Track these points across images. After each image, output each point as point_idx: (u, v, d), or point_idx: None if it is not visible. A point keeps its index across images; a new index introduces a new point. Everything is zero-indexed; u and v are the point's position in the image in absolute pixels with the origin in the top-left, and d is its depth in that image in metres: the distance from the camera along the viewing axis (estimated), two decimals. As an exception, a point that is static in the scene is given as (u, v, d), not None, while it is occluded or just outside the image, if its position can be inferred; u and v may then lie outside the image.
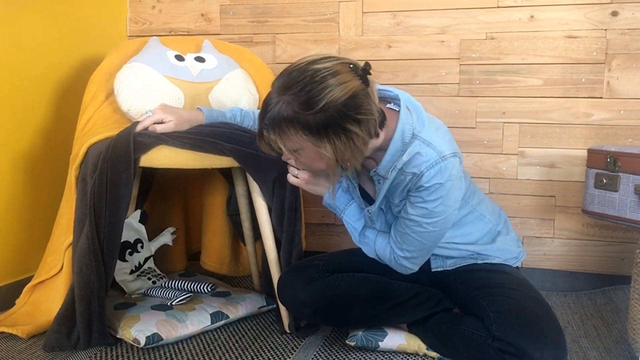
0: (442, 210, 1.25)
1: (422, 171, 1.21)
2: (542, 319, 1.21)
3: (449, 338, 1.32)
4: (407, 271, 1.37)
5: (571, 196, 1.88)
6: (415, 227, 1.27)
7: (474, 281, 1.36)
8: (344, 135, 1.14)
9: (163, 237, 1.83)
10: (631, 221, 1.35)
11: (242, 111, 1.56)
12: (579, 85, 1.84)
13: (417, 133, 1.24)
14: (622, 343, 1.49)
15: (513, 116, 1.90)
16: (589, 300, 1.82)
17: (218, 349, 1.44)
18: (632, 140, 1.82)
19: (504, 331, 1.19)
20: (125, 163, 1.36)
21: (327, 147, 1.15)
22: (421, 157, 1.21)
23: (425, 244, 1.30)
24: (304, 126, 1.13)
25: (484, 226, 1.42)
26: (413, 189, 1.24)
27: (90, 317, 1.38)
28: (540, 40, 1.86)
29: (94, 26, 2.02)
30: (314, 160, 1.22)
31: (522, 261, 1.46)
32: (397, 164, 1.25)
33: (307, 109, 1.11)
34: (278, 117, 1.14)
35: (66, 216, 1.54)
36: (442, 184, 1.21)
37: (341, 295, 1.38)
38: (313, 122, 1.12)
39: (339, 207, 1.43)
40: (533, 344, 1.15)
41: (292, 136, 1.15)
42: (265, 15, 2.09)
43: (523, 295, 1.28)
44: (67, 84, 1.89)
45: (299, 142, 1.16)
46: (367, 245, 1.40)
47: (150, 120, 1.42)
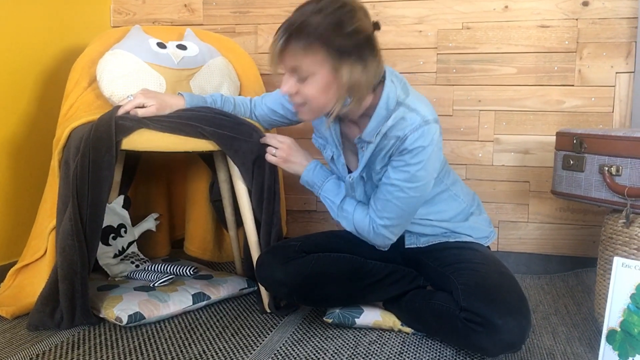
0: (423, 175, 1.30)
1: (406, 134, 1.27)
2: (506, 290, 1.26)
3: (421, 313, 1.37)
4: (385, 242, 1.41)
5: (544, 181, 1.93)
6: (397, 192, 1.32)
7: (444, 258, 1.41)
8: (362, 64, 1.22)
9: (146, 223, 1.86)
10: (595, 200, 1.41)
11: (223, 97, 1.60)
12: (552, 73, 1.90)
13: (401, 101, 1.30)
14: (590, 320, 1.55)
15: (488, 104, 1.96)
16: (562, 281, 1.88)
17: (199, 327, 1.47)
18: (603, 126, 1.88)
19: (470, 302, 1.24)
20: (107, 145, 1.40)
21: (345, 71, 1.21)
22: (405, 121, 1.28)
23: (405, 210, 1.34)
24: (330, 46, 1.20)
25: (458, 205, 1.47)
26: (396, 153, 1.30)
27: (73, 297, 1.41)
28: (514, 30, 1.91)
29: (77, 16, 2.05)
30: (322, 90, 1.25)
31: (492, 241, 1.51)
32: (381, 128, 1.30)
33: (337, 31, 1.19)
34: (309, 31, 1.19)
35: (50, 201, 1.57)
36: (424, 147, 1.27)
37: (317, 274, 1.42)
38: (339, 44, 1.19)
39: (316, 183, 1.47)
40: (497, 313, 1.20)
41: (317, 53, 1.21)
42: (247, 6, 2.13)
43: (489, 269, 1.33)
44: (51, 72, 1.92)
45: (317, 63, 1.22)
46: (345, 218, 1.44)
47: (131, 105, 1.46)
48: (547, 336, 1.43)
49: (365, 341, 1.39)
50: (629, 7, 1.82)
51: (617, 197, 1.34)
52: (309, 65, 1.22)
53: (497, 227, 1.99)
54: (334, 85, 1.24)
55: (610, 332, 1.21)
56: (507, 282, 1.29)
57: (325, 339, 1.40)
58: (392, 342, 1.39)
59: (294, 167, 1.48)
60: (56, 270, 1.42)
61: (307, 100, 1.28)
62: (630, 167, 1.31)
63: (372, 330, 1.46)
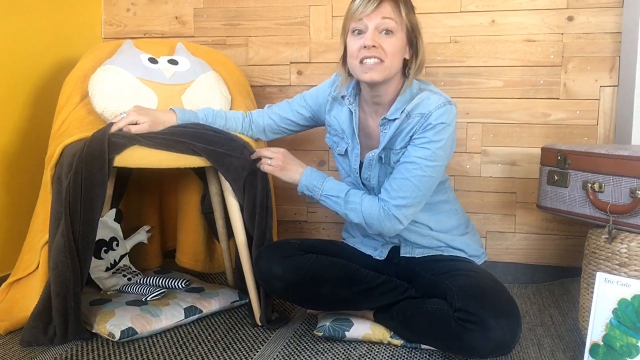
0: (441, 155, 1.39)
1: (430, 111, 1.37)
2: (499, 294, 1.32)
3: (412, 319, 1.41)
4: (395, 226, 1.42)
5: (531, 192, 1.97)
6: (416, 170, 1.38)
7: (438, 268, 1.46)
8: (420, 40, 1.44)
9: (138, 235, 1.88)
10: (579, 215, 1.44)
11: (214, 111, 1.62)
12: (538, 86, 1.93)
13: (423, 87, 1.44)
14: (575, 331, 1.58)
15: (476, 116, 1.99)
16: (548, 291, 1.91)
17: (191, 341, 1.49)
18: (588, 138, 1.91)
19: (465, 302, 1.29)
20: (99, 163, 1.41)
21: (418, 41, 1.42)
22: (429, 100, 1.39)
23: (421, 190, 1.39)
24: (413, 14, 1.41)
25: (457, 221, 1.55)
26: (419, 131, 1.38)
27: (66, 313, 1.42)
28: (500, 44, 1.94)
29: (69, 28, 2.06)
30: (399, 50, 1.38)
31: (483, 261, 1.56)
32: (406, 107, 1.40)
33: (411, 3, 1.43)
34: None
35: (42, 215, 1.58)
36: (446, 125, 1.37)
37: (313, 274, 1.46)
38: (414, 17, 1.42)
39: (316, 185, 1.48)
40: (491, 314, 1.25)
41: (406, 15, 1.38)
42: (238, 18, 2.15)
43: (482, 276, 1.40)
44: (43, 85, 1.93)
45: (404, 24, 1.38)
46: (353, 210, 1.45)
47: (124, 122, 1.48)
48: (533, 348, 1.47)
49: (356, 355, 1.41)
50: (613, 22, 1.86)
51: (600, 214, 1.38)
52: (398, 24, 1.36)
53: (484, 237, 2.02)
54: (404, 50, 1.40)
55: (593, 346, 1.25)
56: (499, 288, 1.35)
57: (316, 353, 1.42)
58: (381, 355, 1.41)
59: (290, 174, 1.51)
60: (49, 286, 1.43)
61: (387, 56, 1.37)
62: (612, 184, 1.35)
63: (362, 344, 1.48)
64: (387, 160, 1.45)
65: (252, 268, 1.57)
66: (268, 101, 2.12)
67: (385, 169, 1.46)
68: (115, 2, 2.25)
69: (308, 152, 2.12)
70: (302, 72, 2.11)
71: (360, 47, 1.36)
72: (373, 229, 1.46)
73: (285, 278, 1.45)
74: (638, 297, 1.19)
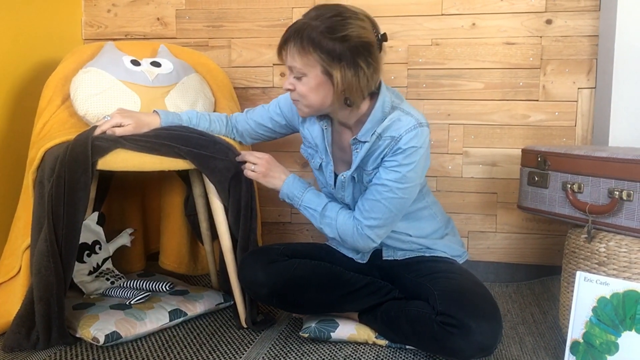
0: (413, 177, 1.38)
1: (401, 134, 1.35)
2: (480, 296, 1.34)
3: (396, 321, 1.42)
4: (368, 244, 1.44)
5: (511, 193, 2.00)
6: (387, 192, 1.37)
7: (420, 270, 1.48)
8: (354, 69, 1.30)
9: (121, 238, 1.86)
10: (559, 215, 1.47)
11: (198, 114, 1.62)
12: (517, 88, 1.96)
13: (396, 105, 1.40)
14: (555, 328, 1.61)
15: (457, 118, 2.01)
16: (529, 289, 1.95)
17: (176, 344, 1.49)
18: (566, 139, 1.95)
19: (447, 306, 1.30)
20: (83, 166, 1.40)
21: (337, 74, 1.30)
22: (400, 122, 1.36)
23: (392, 211, 1.40)
24: (322, 48, 1.29)
25: (436, 224, 1.56)
26: (389, 154, 1.37)
27: (49, 318, 1.41)
28: (481, 47, 1.97)
29: (48, 29, 2.03)
30: (314, 90, 1.34)
31: (464, 260, 1.58)
32: (377, 129, 1.38)
33: (329, 34, 1.28)
34: (303, 34, 1.30)
35: (23, 219, 1.56)
36: (417, 148, 1.35)
37: (297, 279, 1.46)
38: (331, 47, 1.29)
39: (296, 195, 1.50)
40: (472, 316, 1.27)
41: (309, 54, 1.31)
42: (221, 20, 2.15)
43: (464, 278, 1.42)
44: (22, 87, 1.90)
45: (312, 63, 1.31)
46: (328, 225, 1.47)
47: (108, 124, 1.47)
48: (515, 346, 1.49)
49: (341, 355, 1.42)
50: (590, 25, 1.90)
51: (579, 213, 1.41)
52: (302, 66, 1.32)
53: (466, 237, 2.05)
54: (325, 86, 1.34)
55: (573, 344, 1.28)
56: (480, 290, 1.37)
57: (302, 354, 1.43)
58: (367, 355, 1.43)
59: (273, 181, 1.52)
60: (32, 290, 1.42)
61: (301, 97, 1.37)
62: (591, 185, 1.38)
63: (347, 344, 1.49)
64: (360, 179, 1.46)
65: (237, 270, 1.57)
66: (251, 103, 2.12)
67: (360, 186, 1.47)
68: (96, 3, 2.23)
69: (292, 154, 2.13)
70: (285, 73, 2.11)
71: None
72: (347, 245, 1.49)
73: (269, 284, 1.46)
74: (617, 296, 1.22)
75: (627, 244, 1.31)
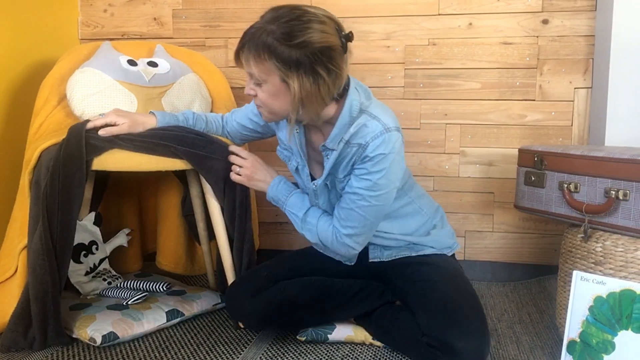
0: (385, 183, 1.32)
1: (367, 142, 1.29)
2: (466, 311, 1.31)
3: (389, 332, 1.42)
4: (349, 252, 1.42)
5: (508, 192, 2.00)
6: (360, 200, 1.33)
7: (408, 275, 1.45)
8: (312, 77, 1.22)
9: (118, 239, 1.86)
10: (556, 215, 1.47)
11: (194, 114, 1.61)
12: (514, 88, 1.97)
13: (364, 108, 1.33)
14: (552, 328, 1.62)
15: (454, 117, 2.02)
16: (525, 289, 1.95)
17: (173, 345, 1.49)
18: (563, 139, 1.96)
19: (430, 328, 1.29)
20: (77, 164, 1.40)
21: (295, 83, 1.22)
22: (367, 128, 1.30)
23: (368, 219, 1.35)
24: (278, 55, 1.21)
25: (421, 219, 1.51)
26: (358, 161, 1.32)
27: (45, 317, 1.40)
28: (478, 47, 1.97)
29: (45, 29, 2.03)
30: (273, 97, 1.28)
31: (455, 251, 1.56)
32: (344, 136, 1.32)
33: (286, 40, 1.20)
34: (259, 40, 1.22)
35: (20, 220, 1.55)
36: (385, 155, 1.29)
37: (286, 302, 1.44)
38: (287, 55, 1.20)
39: (280, 198, 1.48)
40: (457, 336, 1.25)
41: (265, 62, 1.23)
42: (217, 20, 2.14)
43: (450, 288, 1.38)
44: (19, 87, 1.90)
45: (268, 70, 1.24)
46: (309, 230, 1.45)
47: (102, 121, 1.46)
48: (512, 346, 1.50)
49: (338, 355, 1.42)
50: (587, 25, 1.90)
51: (576, 213, 1.41)
52: (259, 73, 1.25)
53: (463, 236, 2.05)
54: (284, 93, 1.26)
55: (570, 343, 1.28)
56: (467, 302, 1.34)
57: (299, 354, 1.43)
58: (364, 355, 1.43)
59: (258, 184, 1.51)
60: (28, 289, 1.41)
61: (262, 104, 1.32)
62: (587, 185, 1.38)
63: (344, 345, 1.49)
64: (334, 186, 1.42)
65: (234, 270, 1.57)
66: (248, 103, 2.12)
67: (335, 193, 1.43)
68: (92, 2, 2.22)
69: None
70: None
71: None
72: (329, 251, 1.47)
73: (258, 314, 1.44)
74: (613, 295, 1.22)
75: (624, 243, 1.31)
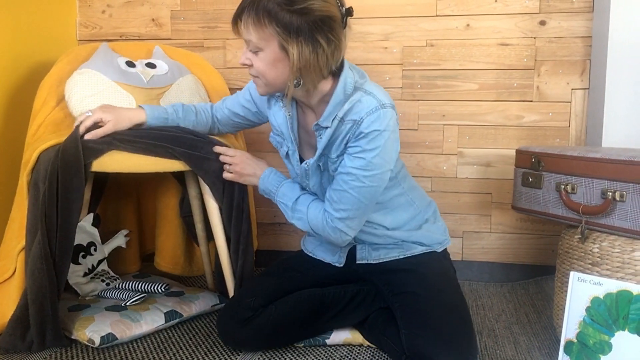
0: (379, 163, 1.29)
1: (362, 117, 1.26)
2: (448, 327, 1.28)
3: (381, 339, 1.43)
4: (342, 238, 1.37)
5: (506, 193, 2.01)
6: (353, 181, 1.30)
7: (393, 284, 1.42)
8: (312, 45, 1.21)
9: (116, 240, 1.86)
10: (553, 215, 1.48)
11: (184, 106, 1.59)
12: (511, 89, 1.97)
13: (358, 86, 1.31)
14: (549, 328, 1.62)
15: (452, 118, 2.02)
16: (523, 289, 1.96)
17: (172, 346, 1.49)
18: (560, 140, 1.96)
19: (413, 349, 1.27)
20: (75, 168, 1.40)
21: (294, 50, 1.21)
22: (361, 104, 1.27)
23: (362, 201, 1.32)
24: (279, 21, 1.20)
25: (413, 211, 1.48)
26: (352, 139, 1.29)
27: (43, 320, 1.40)
28: (475, 48, 1.98)
29: (43, 30, 2.03)
30: (270, 65, 1.26)
31: (446, 247, 1.53)
32: (338, 113, 1.29)
33: (287, 6, 1.19)
34: (259, 5, 1.21)
35: (18, 221, 1.55)
36: (380, 132, 1.26)
37: (279, 325, 1.42)
38: (288, 20, 1.20)
39: (271, 190, 1.46)
40: (437, 352, 1.22)
41: (264, 27, 1.21)
42: (216, 20, 2.15)
43: (434, 303, 1.34)
44: (17, 88, 1.90)
45: (268, 37, 1.22)
46: (299, 219, 1.41)
47: (91, 120, 1.46)
48: (510, 346, 1.50)
49: (337, 356, 1.43)
50: (584, 26, 1.91)
51: (573, 214, 1.42)
52: (259, 40, 1.24)
53: (461, 237, 2.06)
54: (282, 62, 1.25)
55: (567, 343, 1.28)
56: (450, 317, 1.30)
57: (298, 356, 1.43)
58: (362, 356, 1.43)
59: (249, 179, 1.50)
60: (26, 293, 1.41)
61: (258, 73, 1.29)
62: (584, 186, 1.39)
63: (342, 346, 1.50)
64: (326, 167, 1.38)
65: (233, 271, 1.58)
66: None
67: (327, 175, 1.40)
68: (90, 3, 2.22)
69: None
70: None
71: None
72: (322, 239, 1.46)
73: (251, 342, 1.43)
74: (610, 296, 1.23)
75: (620, 244, 1.32)
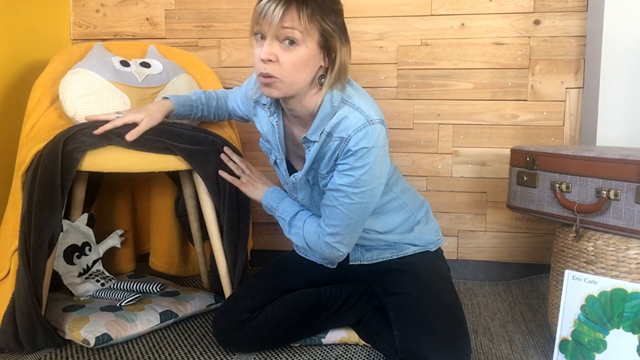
0: (369, 179, 1.26)
1: (349, 135, 1.23)
2: (440, 327, 1.27)
3: (376, 340, 1.43)
4: (334, 254, 1.36)
5: (501, 192, 2.02)
6: (342, 198, 1.28)
7: (387, 285, 1.42)
8: (347, 45, 1.25)
9: (111, 240, 1.86)
10: (548, 214, 1.48)
11: (205, 93, 1.62)
12: (506, 88, 1.98)
13: (345, 98, 1.27)
14: (544, 326, 1.63)
15: (447, 118, 2.02)
16: (518, 288, 1.96)
17: (167, 346, 1.49)
18: (554, 139, 1.97)
19: (407, 350, 1.26)
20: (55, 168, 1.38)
21: (339, 48, 1.22)
22: (349, 120, 1.24)
23: (352, 218, 1.29)
24: (329, 16, 1.19)
25: (405, 214, 1.46)
26: (341, 156, 1.26)
27: (30, 319, 1.39)
28: (470, 47, 1.98)
29: (37, 30, 2.02)
30: (300, 63, 1.19)
31: (439, 246, 1.53)
32: (326, 127, 1.26)
33: (333, 4, 1.21)
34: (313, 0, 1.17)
35: (12, 221, 1.54)
36: (369, 149, 1.23)
37: (276, 326, 1.42)
38: (334, 18, 1.21)
39: (273, 206, 1.47)
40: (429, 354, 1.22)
41: (314, 20, 1.17)
42: (210, 20, 2.14)
43: (429, 303, 1.33)
44: (10, 88, 1.89)
45: (312, 31, 1.17)
46: (296, 234, 1.41)
47: (121, 121, 1.43)
48: (505, 344, 1.51)
49: (332, 356, 1.43)
50: (578, 26, 1.92)
51: (568, 213, 1.42)
52: (303, 31, 1.17)
53: (456, 236, 2.06)
54: (314, 60, 1.21)
55: (562, 342, 1.29)
56: (442, 318, 1.30)
57: (293, 355, 1.43)
58: (358, 355, 1.43)
59: (256, 192, 1.50)
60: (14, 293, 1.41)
61: (280, 73, 1.20)
62: (579, 185, 1.39)
63: (338, 345, 1.50)
64: (316, 182, 1.36)
65: (228, 271, 1.57)
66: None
67: (318, 190, 1.37)
68: (84, 3, 2.21)
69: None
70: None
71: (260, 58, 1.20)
72: (317, 256, 1.46)
73: (248, 345, 1.43)
74: (605, 294, 1.23)
75: (615, 242, 1.32)
